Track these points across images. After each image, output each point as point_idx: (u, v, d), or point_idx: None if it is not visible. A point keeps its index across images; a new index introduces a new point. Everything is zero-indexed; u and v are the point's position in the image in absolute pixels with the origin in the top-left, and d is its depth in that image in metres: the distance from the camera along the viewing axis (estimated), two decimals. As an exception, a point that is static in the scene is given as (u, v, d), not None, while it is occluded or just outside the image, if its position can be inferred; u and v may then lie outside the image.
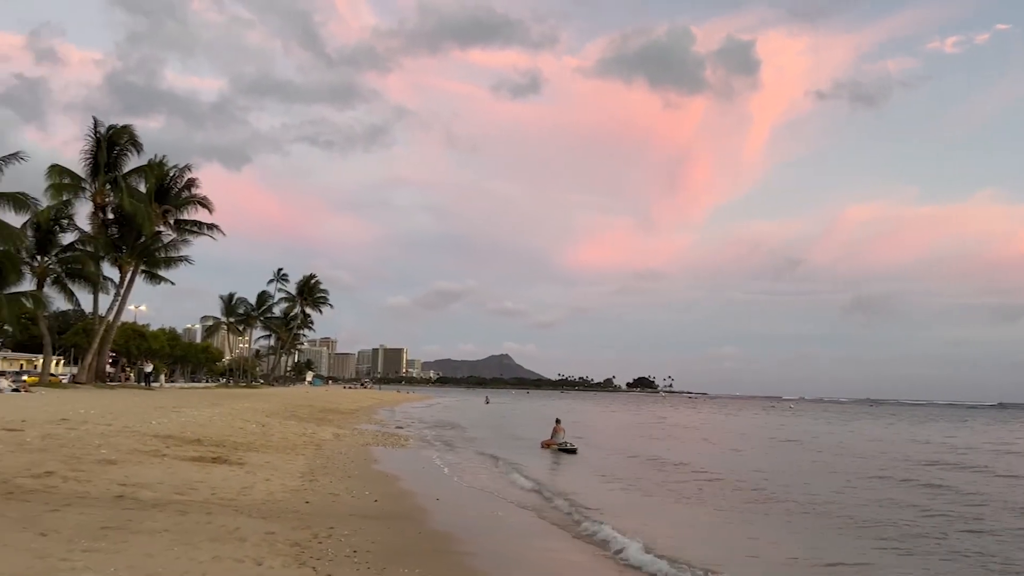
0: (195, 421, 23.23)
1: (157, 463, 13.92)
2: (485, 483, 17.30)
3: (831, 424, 68.17)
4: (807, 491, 18.14)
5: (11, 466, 11.61)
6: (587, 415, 68.03)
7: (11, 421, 17.36)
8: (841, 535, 12.65)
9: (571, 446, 27.39)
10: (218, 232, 53.72)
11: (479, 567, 8.77)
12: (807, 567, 10.21)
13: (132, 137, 47.54)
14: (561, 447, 27.39)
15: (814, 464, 26.81)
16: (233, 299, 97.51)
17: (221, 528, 8.97)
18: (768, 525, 13.57)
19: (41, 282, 43.59)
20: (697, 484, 18.99)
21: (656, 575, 9.10)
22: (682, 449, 32.11)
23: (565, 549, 10.55)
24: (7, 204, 37.95)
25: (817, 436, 46.57)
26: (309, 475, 14.94)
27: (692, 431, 49.20)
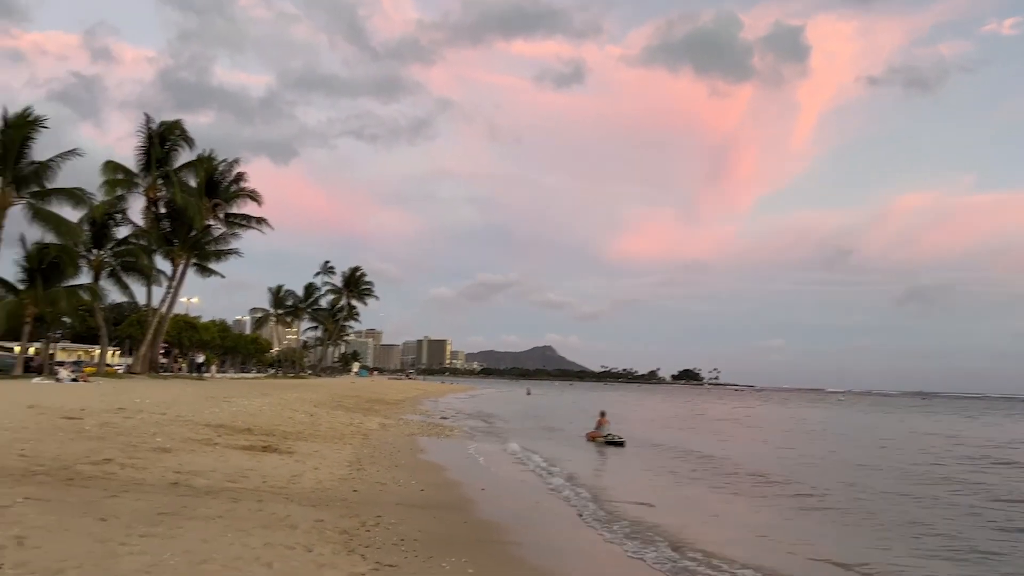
0: (245, 411, 23.71)
1: (209, 451, 14.26)
2: (529, 474, 17.35)
3: (882, 417, 66.81)
4: (851, 491, 17.79)
5: (72, 453, 12.00)
6: (629, 407, 67.66)
7: (71, 410, 17.92)
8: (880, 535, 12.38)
9: (618, 438, 27.22)
10: (266, 226, 54.60)
11: (524, 556, 8.82)
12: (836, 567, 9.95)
13: (183, 132, 48.52)
14: (608, 439, 27.26)
15: (860, 460, 26.28)
16: (281, 291, 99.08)
17: (272, 515, 9.16)
18: (807, 523, 13.37)
19: (97, 275, 44.82)
20: (740, 480, 18.81)
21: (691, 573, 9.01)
22: (725, 444, 31.72)
23: (604, 541, 10.53)
24: (65, 199, 39.07)
25: (868, 429, 45.68)
26: (356, 464, 15.16)
27: (735, 424, 48.60)
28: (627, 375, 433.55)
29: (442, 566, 7.64)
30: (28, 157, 37.64)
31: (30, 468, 10.46)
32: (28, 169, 37.57)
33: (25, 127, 37.01)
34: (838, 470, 22.09)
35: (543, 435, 30.63)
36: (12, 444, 12.17)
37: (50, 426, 14.83)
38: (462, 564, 7.80)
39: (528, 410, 55.78)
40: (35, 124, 37.56)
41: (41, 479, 9.84)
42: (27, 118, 37.26)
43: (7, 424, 14.37)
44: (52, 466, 10.79)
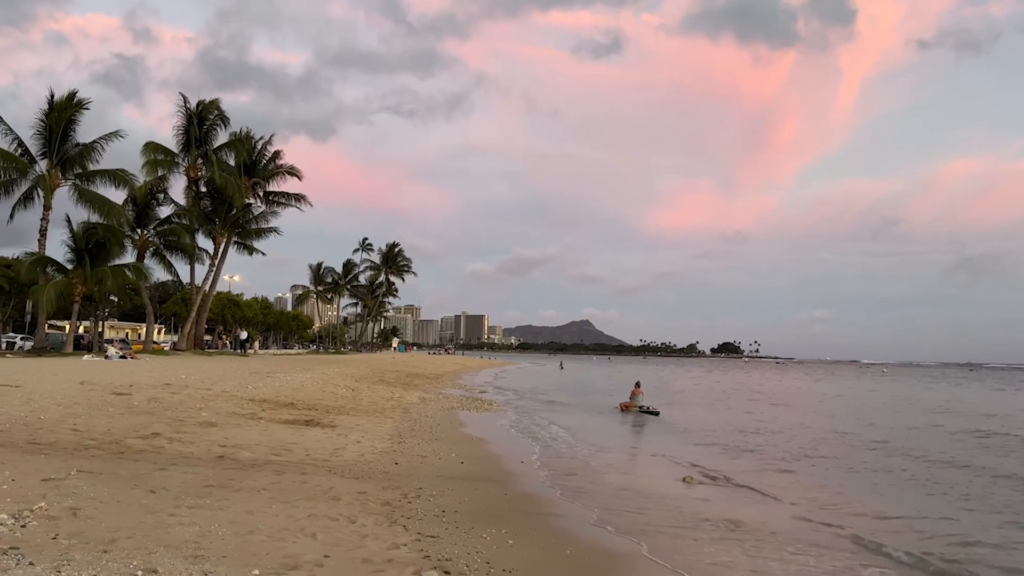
0: (288, 386, 24.09)
1: (254, 426, 14.52)
2: (567, 447, 17.37)
3: (928, 390, 65.53)
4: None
5: (122, 427, 12.31)
6: (664, 380, 67.36)
7: (120, 386, 18.38)
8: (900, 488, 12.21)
9: (653, 408, 27.26)
10: (305, 203, 55.07)
11: (565, 528, 8.83)
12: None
13: (220, 112, 48.96)
14: (643, 409, 27.29)
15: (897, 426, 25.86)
16: (321, 268, 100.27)
17: (316, 487, 9.30)
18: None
19: (141, 254, 45.71)
20: (775, 445, 18.64)
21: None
22: (759, 415, 31.42)
23: (644, 510, 10.51)
24: (109, 180, 39.85)
25: (909, 401, 44.89)
26: (397, 437, 15.32)
27: (765, 396, 48.07)
28: (666, 349, 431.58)
29: (483, 537, 7.68)
30: (73, 139, 38.42)
31: (82, 442, 10.76)
32: (73, 151, 38.37)
33: (69, 110, 37.75)
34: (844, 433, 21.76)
35: (579, 407, 30.66)
36: (64, 419, 12.53)
37: (100, 401, 15.22)
38: (503, 535, 7.84)
39: (563, 384, 55.94)
40: (79, 107, 38.28)
41: (93, 452, 10.11)
42: (71, 101, 37.95)
43: (59, 400, 14.79)
44: (103, 440, 11.09)
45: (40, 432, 11.12)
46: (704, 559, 7.89)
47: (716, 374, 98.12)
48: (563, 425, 22.24)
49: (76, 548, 5.67)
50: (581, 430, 21.10)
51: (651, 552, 8.01)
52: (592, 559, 7.58)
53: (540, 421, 23.34)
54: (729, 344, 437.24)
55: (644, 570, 7.48)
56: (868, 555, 8.54)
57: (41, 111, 37.64)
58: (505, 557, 7.04)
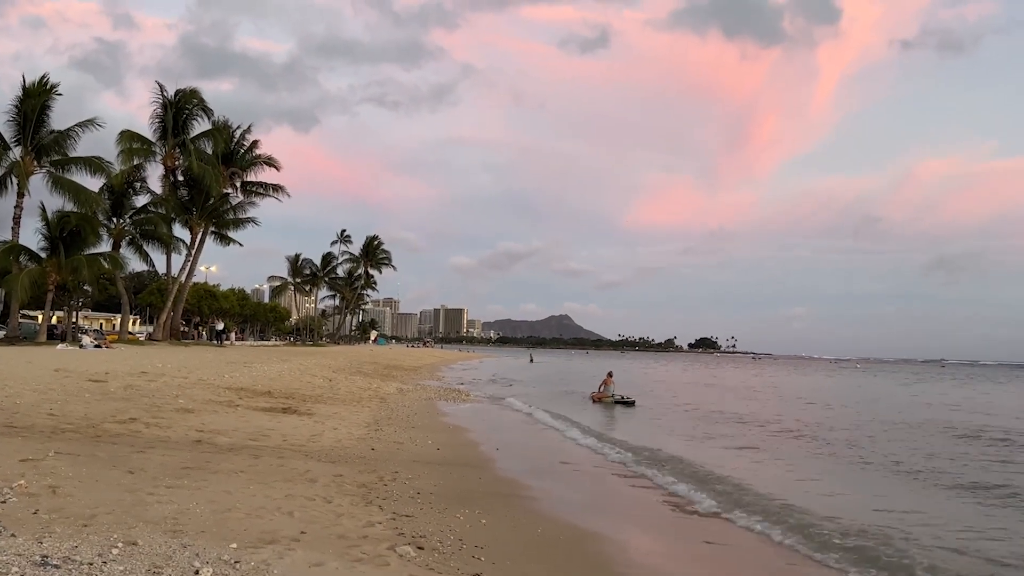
0: (265, 375, 24.14)
1: (231, 412, 14.61)
2: (542, 434, 17.65)
3: (896, 385, 66.61)
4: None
5: (99, 412, 12.36)
6: (634, 374, 67.98)
7: (96, 373, 18.35)
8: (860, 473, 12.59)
9: (628, 398, 27.57)
10: (283, 193, 54.92)
11: (536, 509, 9.07)
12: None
13: (201, 102, 48.62)
14: (618, 400, 27.52)
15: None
16: (299, 260, 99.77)
17: (292, 470, 9.45)
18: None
19: (117, 243, 45.32)
20: (742, 433, 19.03)
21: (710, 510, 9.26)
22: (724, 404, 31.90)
23: (622, 494, 10.77)
24: (85, 168, 39.45)
25: (874, 398, 45.70)
26: (374, 425, 15.49)
27: (728, 389, 48.70)
28: (644, 343, 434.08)
29: (457, 517, 7.89)
30: (47, 126, 37.99)
31: (59, 426, 10.81)
32: (48, 138, 37.93)
33: (44, 95, 37.30)
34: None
35: (554, 398, 30.96)
36: (40, 404, 12.55)
37: (76, 388, 15.22)
38: (476, 515, 8.05)
39: (537, 376, 56.37)
40: (51, 91, 37.82)
41: (70, 436, 10.17)
42: (44, 86, 37.52)
43: (35, 386, 14.77)
44: (80, 424, 11.15)
45: (16, 416, 11.15)
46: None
47: (684, 368, 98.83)
48: (537, 415, 22.53)
49: (56, 522, 5.78)
50: (555, 419, 21.34)
51: (614, 532, 8.29)
52: (561, 536, 7.82)
53: (514, 411, 23.59)
54: (707, 339, 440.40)
55: (611, 546, 7.72)
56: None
57: (15, 97, 37.20)
58: (478, 535, 7.25)
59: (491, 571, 6.25)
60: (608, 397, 27.89)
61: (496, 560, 6.57)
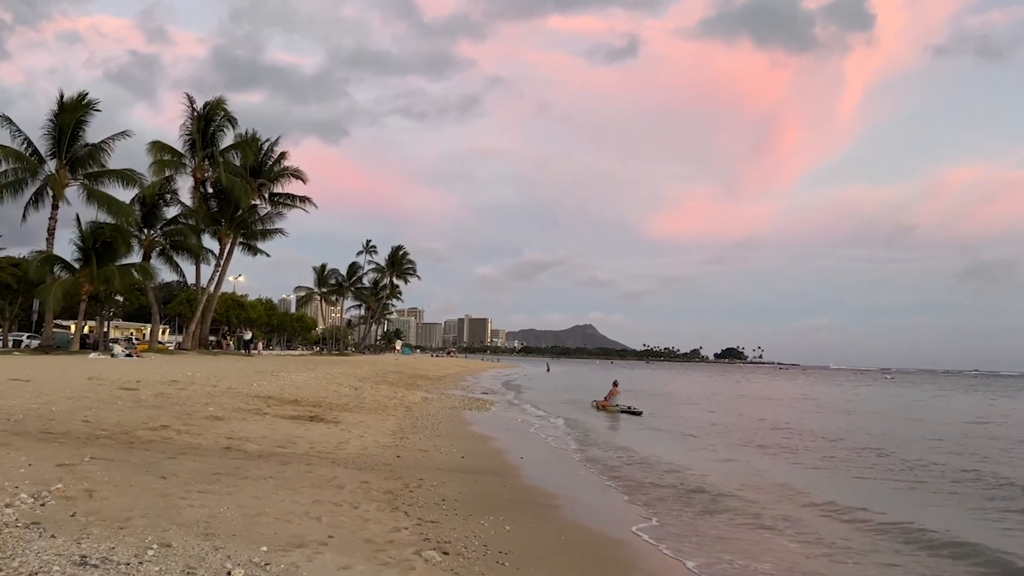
0: (293, 384, 24.40)
1: (259, 420, 14.82)
2: (562, 442, 17.70)
3: (932, 395, 65.59)
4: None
5: (131, 420, 12.62)
6: (655, 383, 67.59)
7: (128, 381, 18.69)
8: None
9: (635, 408, 27.57)
10: (310, 204, 55.44)
11: (560, 516, 9.14)
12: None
13: (226, 112, 49.32)
14: (624, 409, 27.54)
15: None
16: (325, 270, 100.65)
17: (320, 477, 9.60)
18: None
19: (148, 254, 46.06)
20: (758, 442, 18.92)
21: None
22: (744, 415, 31.73)
23: (628, 502, 10.80)
24: (117, 180, 40.24)
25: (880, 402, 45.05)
26: (400, 433, 15.63)
27: (751, 400, 48.28)
28: (669, 353, 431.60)
29: (481, 523, 7.99)
30: (82, 139, 38.81)
31: (94, 432, 11.06)
32: (82, 151, 38.74)
33: (79, 110, 38.13)
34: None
35: (574, 407, 31.10)
36: (75, 411, 12.84)
37: (109, 396, 15.53)
38: (500, 522, 8.14)
39: (555, 386, 56.68)
40: (89, 107, 38.67)
41: (104, 442, 10.41)
42: (81, 101, 38.36)
43: (69, 394, 15.10)
44: (114, 431, 11.40)
45: (52, 423, 11.43)
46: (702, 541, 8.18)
47: (705, 378, 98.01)
48: (555, 423, 22.82)
49: (93, 524, 5.97)
50: (574, 428, 21.55)
51: (640, 535, 8.33)
52: (584, 542, 7.90)
53: (534, 419, 23.78)
54: (732, 349, 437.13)
55: (633, 552, 7.77)
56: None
57: (51, 111, 38.07)
58: (502, 540, 7.35)
59: (515, 576, 6.34)
60: (613, 407, 27.93)
61: (520, 566, 6.65)
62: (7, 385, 15.74)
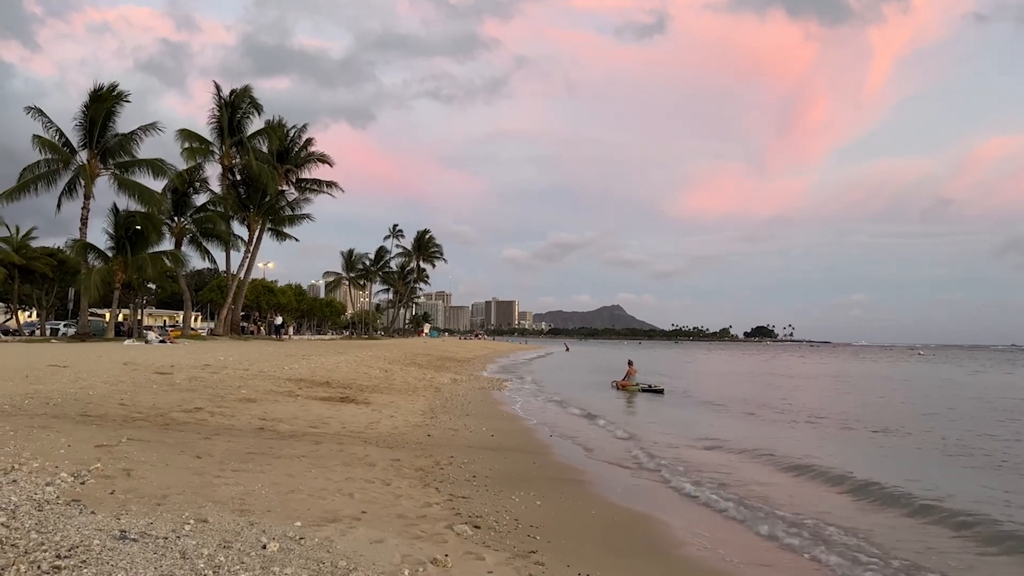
0: (323, 367, 24.65)
1: (291, 402, 15.01)
2: (588, 421, 17.72)
3: (937, 368, 64.57)
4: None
5: (166, 402, 12.84)
6: (678, 363, 67.25)
7: (162, 366, 19.02)
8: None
9: (657, 387, 27.67)
10: (337, 189, 55.72)
11: (590, 492, 9.16)
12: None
13: (252, 99, 49.68)
14: (646, 388, 27.66)
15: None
16: (353, 255, 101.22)
17: (352, 455, 9.71)
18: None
19: (179, 241, 46.67)
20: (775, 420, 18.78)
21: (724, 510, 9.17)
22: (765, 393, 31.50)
23: (661, 482, 10.79)
24: (147, 169, 40.70)
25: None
26: (429, 413, 15.74)
27: (776, 377, 47.84)
28: (698, 333, 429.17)
29: (512, 498, 8.04)
30: (112, 129, 39.29)
31: (130, 415, 11.27)
32: (112, 141, 39.22)
33: (109, 101, 38.57)
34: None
35: (595, 386, 31.36)
36: (112, 395, 13.09)
37: (144, 380, 15.81)
38: (531, 497, 8.18)
39: (579, 364, 57.36)
40: (119, 98, 39.09)
41: (140, 424, 10.61)
42: (111, 92, 38.78)
43: (106, 378, 15.40)
44: (149, 413, 11.60)
45: (90, 406, 11.66)
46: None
47: (728, 358, 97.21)
48: (582, 402, 22.83)
49: (132, 501, 6.09)
50: (600, 407, 21.63)
51: (659, 514, 8.35)
52: (614, 517, 7.91)
53: (561, 398, 23.93)
54: (763, 328, 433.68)
55: (661, 526, 7.77)
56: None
57: (83, 103, 38.55)
58: (532, 515, 7.38)
59: (546, 549, 6.37)
60: (633, 386, 28.09)
61: (551, 539, 6.68)
62: (46, 371, 16.09)
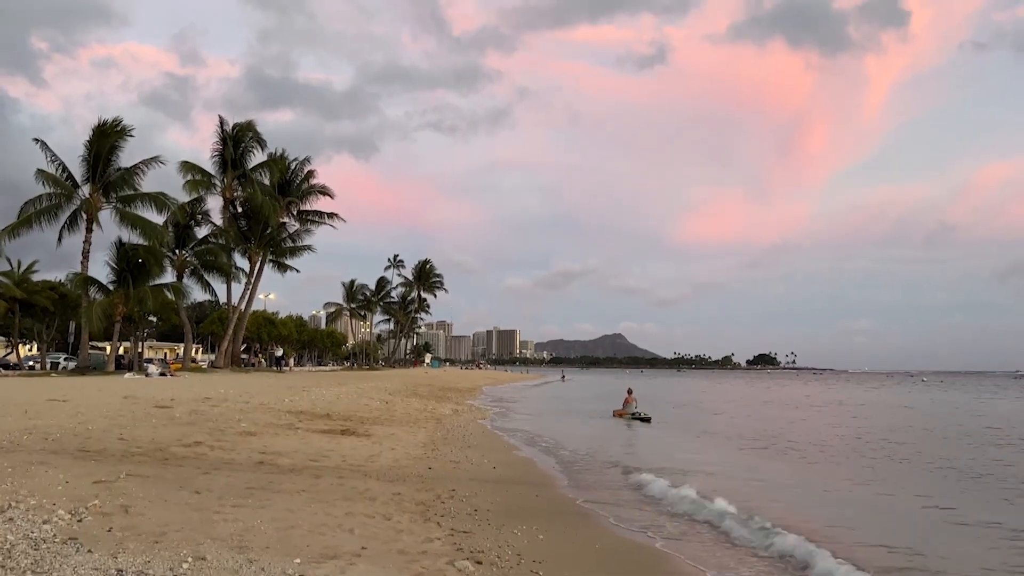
0: (324, 399, 24.55)
1: (292, 435, 14.91)
2: (587, 452, 17.58)
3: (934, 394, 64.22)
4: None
5: (165, 437, 12.76)
6: (672, 392, 67.03)
7: (162, 399, 18.94)
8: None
9: (644, 415, 27.92)
10: (338, 219, 55.99)
11: (596, 525, 9.06)
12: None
13: (255, 134, 50.11)
14: (634, 415, 27.96)
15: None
16: (354, 286, 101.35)
17: (352, 489, 9.62)
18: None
19: (180, 274, 46.75)
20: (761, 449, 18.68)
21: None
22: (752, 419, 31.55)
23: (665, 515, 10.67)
24: (149, 203, 40.84)
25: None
26: (431, 445, 15.63)
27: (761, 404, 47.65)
28: (700, 361, 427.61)
29: (514, 533, 7.93)
30: (115, 163, 39.52)
31: (129, 450, 11.20)
32: (115, 175, 39.43)
33: (112, 136, 38.84)
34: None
35: (590, 416, 31.70)
36: (111, 429, 13.01)
37: (144, 414, 15.74)
38: (533, 531, 8.08)
39: (577, 395, 57.13)
40: (123, 133, 39.37)
41: (139, 459, 10.53)
42: (115, 128, 39.07)
43: (105, 412, 15.33)
44: (148, 448, 11.53)
45: (89, 441, 11.59)
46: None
47: (721, 386, 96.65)
48: (581, 433, 23.18)
49: (129, 539, 6.02)
50: (598, 437, 21.83)
51: (664, 545, 8.26)
52: (618, 550, 7.81)
53: (562, 428, 24.31)
54: (765, 355, 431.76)
55: (663, 561, 7.66)
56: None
57: (87, 137, 38.85)
58: (535, 550, 7.28)
59: (549, 585, 6.28)
60: (628, 414, 28.49)
61: (555, 573, 6.59)
62: (45, 405, 16.02)
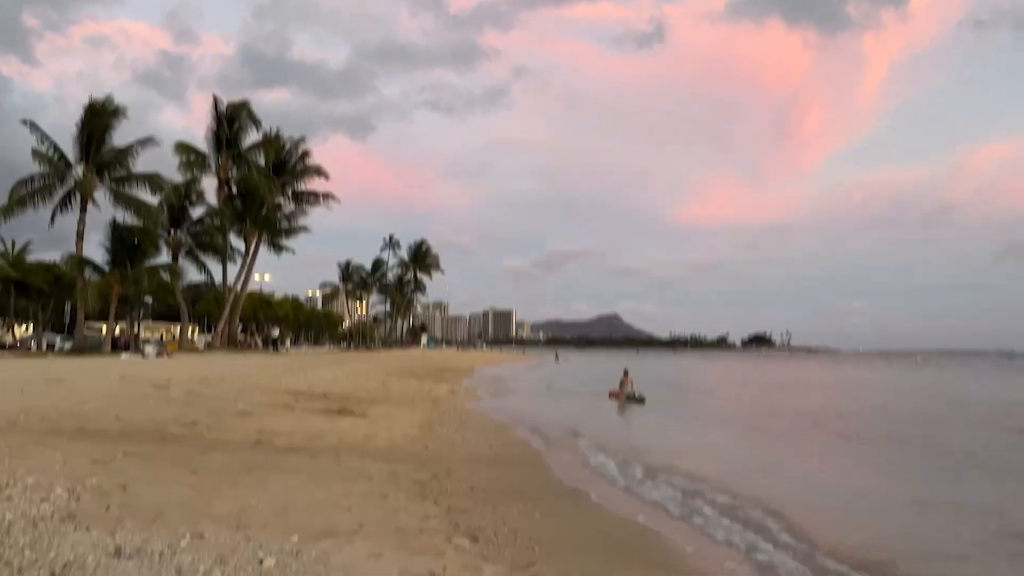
0: (320, 379, 24.60)
1: (288, 415, 14.96)
2: (586, 430, 17.66)
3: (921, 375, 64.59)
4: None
5: (162, 417, 12.78)
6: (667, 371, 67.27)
7: (159, 380, 18.95)
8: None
9: (640, 395, 28.06)
10: (333, 200, 55.89)
11: (590, 504, 9.13)
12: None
13: (250, 112, 49.80)
14: (630, 397, 28.09)
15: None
16: (350, 266, 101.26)
17: (349, 469, 9.66)
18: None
19: (175, 254, 46.72)
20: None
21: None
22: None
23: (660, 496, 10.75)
24: (144, 184, 40.69)
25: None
26: (427, 425, 15.69)
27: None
28: (696, 341, 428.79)
29: (511, 511, 7.99)
30: (109, 144, 39.30)
31: (126, 430, 11.22)
32: (109, 155, 39.22)
33: (105, 116, 38.59)
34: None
35: (588, 395, 31.57)
36: (108, 409, 13.03)
37: (140, 394, 15.77)
38: (530, 509, 8.14)
39: (573, 374, 57.52)
40: (115, 113, 39.12)
41: (136, 439, 10.54)
42: (108, 107, 38.80)
43: (102, 393, 15.36)
44: (145, 428, 11.55)
45: (86, 421, 11.60)
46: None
47: (706, 366, 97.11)
48: (577, 411, 23.23)
49: (127, 517, 6.04)
50: (595, 416, 21.96)
51: (660, 527, 8.36)
52: (614, 530, 7.88)
53: (558, 408, 24.31)
54: (760, 335, 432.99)
55: (664, 540, 7.73)
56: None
57: (79, 117, 38.60)
58: (532, 528, 7.34)
59: (545, 561, 6.32)
60: (624, 395, 28.66)
61: (551, 551, 6.64)
62: (42, 386, 16.04)
